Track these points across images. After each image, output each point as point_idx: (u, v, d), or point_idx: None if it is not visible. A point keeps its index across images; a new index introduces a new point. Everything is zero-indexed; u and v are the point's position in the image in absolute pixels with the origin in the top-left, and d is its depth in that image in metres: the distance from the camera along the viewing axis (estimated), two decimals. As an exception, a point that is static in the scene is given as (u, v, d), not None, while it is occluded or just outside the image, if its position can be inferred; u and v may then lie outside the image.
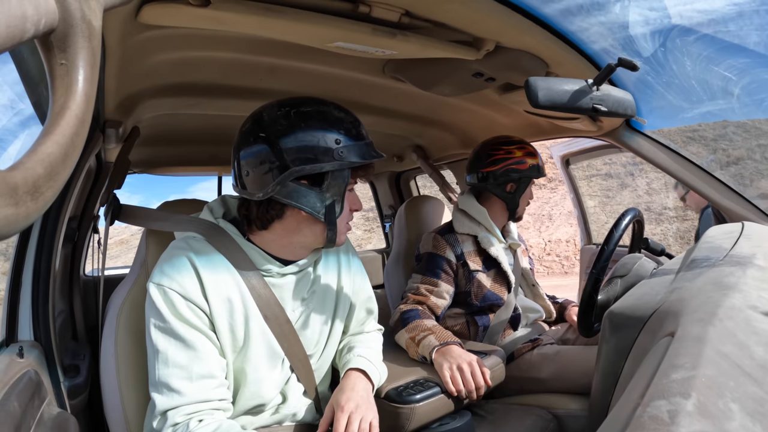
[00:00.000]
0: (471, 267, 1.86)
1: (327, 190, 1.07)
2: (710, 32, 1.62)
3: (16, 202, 0.34)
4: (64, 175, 0.41)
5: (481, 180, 1.94)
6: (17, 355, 1.03)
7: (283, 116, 1.05)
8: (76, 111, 0.43)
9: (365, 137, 1.11)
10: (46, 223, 1.23)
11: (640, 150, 1.62)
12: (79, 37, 0.44)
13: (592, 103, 1.05)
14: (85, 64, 0.45)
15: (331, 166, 1.04)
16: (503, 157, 1.91)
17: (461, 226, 1.92)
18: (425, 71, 1.47)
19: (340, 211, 1.10)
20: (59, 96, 0.43)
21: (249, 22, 0.99)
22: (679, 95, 1.58)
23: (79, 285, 1.93)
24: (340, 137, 1.05)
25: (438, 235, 1.91)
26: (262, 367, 1.12)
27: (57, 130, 0.41)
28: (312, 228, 1.11)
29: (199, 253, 1.07)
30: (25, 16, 0.36)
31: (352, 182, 1.13)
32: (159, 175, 2.64)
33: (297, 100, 1.09)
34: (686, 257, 1.05)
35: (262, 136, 1.05)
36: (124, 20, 0.92)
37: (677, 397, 0.43)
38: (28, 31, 0.37)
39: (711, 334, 0.57)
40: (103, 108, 1.32)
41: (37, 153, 0.38)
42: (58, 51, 0.43)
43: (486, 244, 1.88)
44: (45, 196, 0.38)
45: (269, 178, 1.04)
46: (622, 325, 0.85)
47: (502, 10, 1.08)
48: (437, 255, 1.86)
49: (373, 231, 17.00)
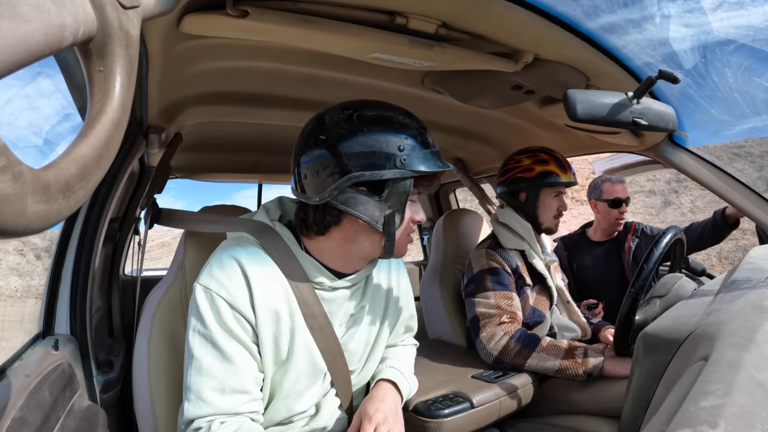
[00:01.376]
0: (525, 281, 1.82)
1: (387, 199, 1.00)
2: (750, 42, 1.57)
3: (48, 199, 0.35)
4: (97, 176, 0.43)
5: (499, 193, 1.95)
6: (52, 347, 1.07)
7: (345, 119, 1.00)
8: (112, 116, 0.45)
9: (431, 145, 1.04)
10: (88, 223, 1.28)
11: (682, 166, 1.57)
12: (116, 46, 0.45)
13: (632, 117, 1.02)
14: (123, 71, 0.46)
15: (392, 174, 0.97)
16: (512, 167, 1.90)
17: (508, 241, 1.87)
18: (464, 84, 1.46)
19: (400, 221, 1.03)
20: (97, 101, 0.45)
21: (287, 32, 1.01)
22: (723, 109, 1.54)
23: (118, 284, 1.99)
24: (404, 143, 0.98)
25: (490, 250, 1.84)
26: (302, 381, 1.09)
27: (92, 134, 0.42)
28: (370, 238, 1.05)
29: (251, 258, 1.03)
30: (63, 24, 0.38)
31: (415, 192, 1.05)
32: (200, 180, 2.71)
33: (361, 103, 1.03)
34: (727, 278, 1.01)
35: (322, 139, 1.00)
36: (165, 30, 0.95)
37: (704, 426, 0.41)
38: (66, 39, 0.39)
39: (746, 360, 0.54)
40: (147, 114, 1.36)
41: (72, 154, 0.40)
42: (97, 58, 0.45)
43: (531, 258, 1.85)
44: (77, 195, 0.39)
45: (327, 183, 0.99)
46: (655, 347, 0.82)
47: (541, 21, 1.06)
48: (499, 269, 1.79)
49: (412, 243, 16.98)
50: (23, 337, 1.24)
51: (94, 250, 1.28)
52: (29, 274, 9.51)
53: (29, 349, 1.05)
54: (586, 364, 1.57)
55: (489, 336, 1.67)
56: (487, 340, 1.67)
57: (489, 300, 1.74)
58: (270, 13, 0.95)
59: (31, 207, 0.34)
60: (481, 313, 1.74)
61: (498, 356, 1.64)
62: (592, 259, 2.66)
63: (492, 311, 1.72)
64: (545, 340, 1.64)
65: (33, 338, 1.19)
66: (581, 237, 2.78)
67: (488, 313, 1.72)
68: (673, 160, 1.59)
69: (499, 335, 1.66)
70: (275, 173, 2.65)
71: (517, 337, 1.65)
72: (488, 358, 1.67)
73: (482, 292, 1.77)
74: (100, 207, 1.29)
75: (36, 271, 9.50)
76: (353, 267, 1.12)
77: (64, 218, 0.39)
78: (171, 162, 1.67)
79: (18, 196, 0.32)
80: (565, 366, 1.58)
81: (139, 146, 1.40)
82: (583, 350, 1.61)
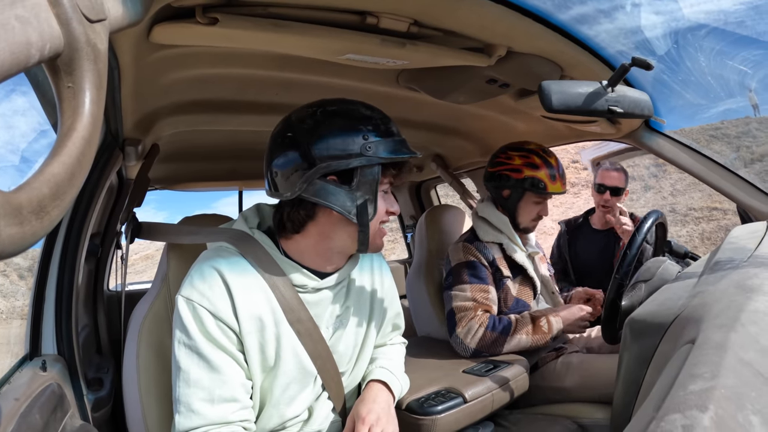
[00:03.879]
0: (503, 273, 1.83)
1: (357, 188, 1.02)
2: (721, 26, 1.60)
3: (20, 222, 0.35)
4: (71, 194, 0.42)
5: (485, 179, 1.95)
6: (40, 368, 1.05)
7: (310, 115, 1.03)
8: (82, 132, 0.44)
9: (396, 134, 1.07)
10: (69, 240, 1.26)
11: (660, 151, 1.59)
12: (84, 61, 0.44)
13: (608, 105, 1.03)
14: (92, 86, 0.46)
15: (358, 162, 1.00)
16: (502, 161, 1.89)
17: (485, 234, 1.88)
18: (439, 80, 1.46)
19: (373, 212, 1.05)
20: (67, 117, 0.44)
21: (258, 38, 1.01)
22: (698, 93, 1.57)
23: (103, 300, 1.97)
24: (367, 133, 1.01)
25: (467, 243, 1.86)
26: (292, 387, 1.09)
27: (64, 151, 0.42)
28: (346, 230, 1.07)
29: (231, 267, 1.04)
30: (29, 42, 0.37)
31: (385, 181, 1.08)
32: (180, 190, 2.68)
33: (324, 101, 1.07)
34: (710, 259, 1.02)
35: (289, 136, 1.03)
36: (136, 41, 0.94)
37: (693, 411, 0.41)
38: (33, 56, 0.38)
39: (733, 341, 0.55)
40: (122, 126, 1.34)
41: (43, 173, 0.39)
42: (65, 74, 0.44)
43: (511, 251, 1.85)
44: (51, 216, 0.39)
45: (297, 177, 1.01)
46: (643, 332, 0.83)
47: (512, 15, 1.07)
48: (475, 262, 1.81)
49: (396, 242, 16.93)
50: (10, 359, 1.22)
51: (76, 267, 1.26)
52: (13, 294, 9.34)
53: (17, 372, 1.03)
54: (551, 330, 1.69)
55: (465, 331, 1.70)
56: (464, 335, 1.69)
57: (465, 293, 1.76)
58: (240, 19, 0.95)
59: (3, 231, 0.33)
60: (457, 307, 1.75)
61: (476, 348, 1.68)
62: (590, 247, 2.64)
63: (467, 304, 1.74)
64: (512, 319, 1.72)
65: (20, 360, 1.17)
66: (584, 222, 2.75)
67: (464, 306, 1.74)
68: (651, 145, 1.61)
69: (474, 328, 1.69)
70: (254, 179, 2.64)
71: (491, 326, 1.69)
72: (466, 352, 1.70)
73: (458, 285, 1.79)
74: (80, 223, 1.28)
75: (20, 291, 9.33)
76: (333, 264, 1.13)
77: (40, 240, 0.38)
78: (149, 174, 1.65)
79: (-11, 220, 0.31)
80: (535, 340, 1.69)
81: (116, 159, 1.39)
82: (545, 318, 1.71)
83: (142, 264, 21.03)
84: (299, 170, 1.01)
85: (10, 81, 0.37)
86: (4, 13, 0.35)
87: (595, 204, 2.62)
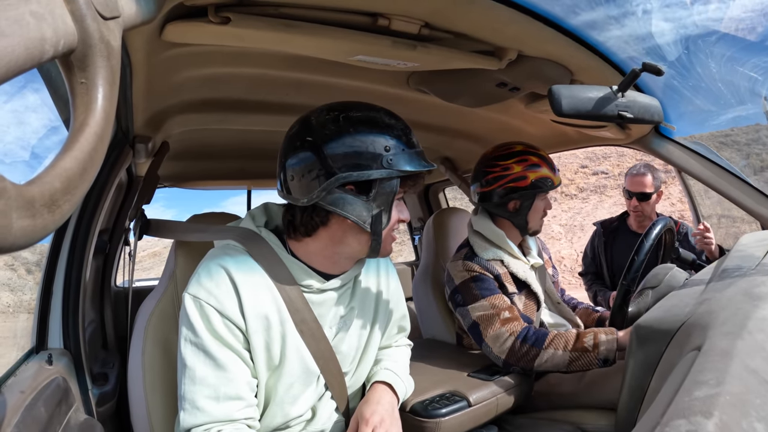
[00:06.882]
0: (508, 289, 1.73)
1: (374, 198, 1.01)
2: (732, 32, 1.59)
3: (32, 215, 0.35)
4: (82, 189, 0.42)
5: (482, 200, 1.82)
6: (46, 362, 1.06)
7: (332, 120, 1.01)
8: (95, 128, 0.44)
9: (416, 145, 1.05)
10: (77, 235, 1.27)
11: (670, 157, 1.58)
12: (98, 57, 0.45)
13: (618, 110, 1.03)
14: (105, 82, 0.46)
15: (379, 174, 0.99)
16: (500, 175, 1.75)
17: (484, 252, 1.77)
18: (449, 83, 1.46)
19: (387, 221, 1.04)
20: (79, 113, 0.45)
21: (269, 38, 1.01)
22: (708, 99, 1.55)
23: (110, 295, 1.98)
24: (389, 144, 1.00)
25: (467, 261, 1.75)
26: (296, 386, 1.09)
27: (76, 146, 0.42)
28: (357, 237, 1.06)
29: (239, 265, 1.03)
30: (43, 38, 0.38)
31: (401, 192, 1.06)
32: (189, 189, 2.70)
33: (346, 105, 1.04)
34: (718, 266, 1.02)
35: (308, 141, 1.01)
36: (148, 39, 0.95)
37: (698, 417, 0.41)
38: (47, 52, 0.38)
39: (739, 348, 0.54)
40: (133, 123, 1.35)
41: (55, 168, 0.39)
42: (78, 70, 0.44)
43: (514, 268, 1.77)
44: (62, 209, 0.39)
45: (315, 184, 0.99)
46: (648, 338, 0.83)
47: (523, 18, 1.07)
48: (481, 275, 1.70)
49: (404, 243, 16.90)
50: (17, 352, 1.23)
51: (84, 263, 1.27)
52: (21, 288, 9.41)
53: (23, 365, 1.04)
54: (597, 348, 1.46)
55: (493, 337, 1.59)
56: (492, 342, 1.60)
57: (482, 303, 1.66)
58: (252, 18, 0.95)
59: (15, 223, 0.33)
60: (479, 317, 1.64)
61: (506, 359, 1.57)
62: (628, 249, 2.61)
63: (489, 312, 1.63)
64: (552, 334, 1.55)
65: (26, 353, 1.18)
66: (621, 224, 2.70)
67: (486, 315, 1.64)
68: (660, 151, 1.60)
69: (504, 336, 1.58)
70: (263, 179, 2.64)
71: (522, 336, 1.56)
72: (498, 360, 1.60)
73: (472, 301, 1.68)
74: (89, 219, 1.28)
75: (27, 285, 9.39)
76: (340, 267, 1.13)
77: (51, 233, 0.39)
78: (159, 171, 1.66)
79: (2, 212, 0.32)
80: (576, 357, 1.49)
81: (126, 156, 1.40)
82: (593, 335, 1.49)
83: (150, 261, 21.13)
84: (318, 177, 0.99)
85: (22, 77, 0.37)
86: (19, 9, 0.36)
87: (627, 208, 2.60)
